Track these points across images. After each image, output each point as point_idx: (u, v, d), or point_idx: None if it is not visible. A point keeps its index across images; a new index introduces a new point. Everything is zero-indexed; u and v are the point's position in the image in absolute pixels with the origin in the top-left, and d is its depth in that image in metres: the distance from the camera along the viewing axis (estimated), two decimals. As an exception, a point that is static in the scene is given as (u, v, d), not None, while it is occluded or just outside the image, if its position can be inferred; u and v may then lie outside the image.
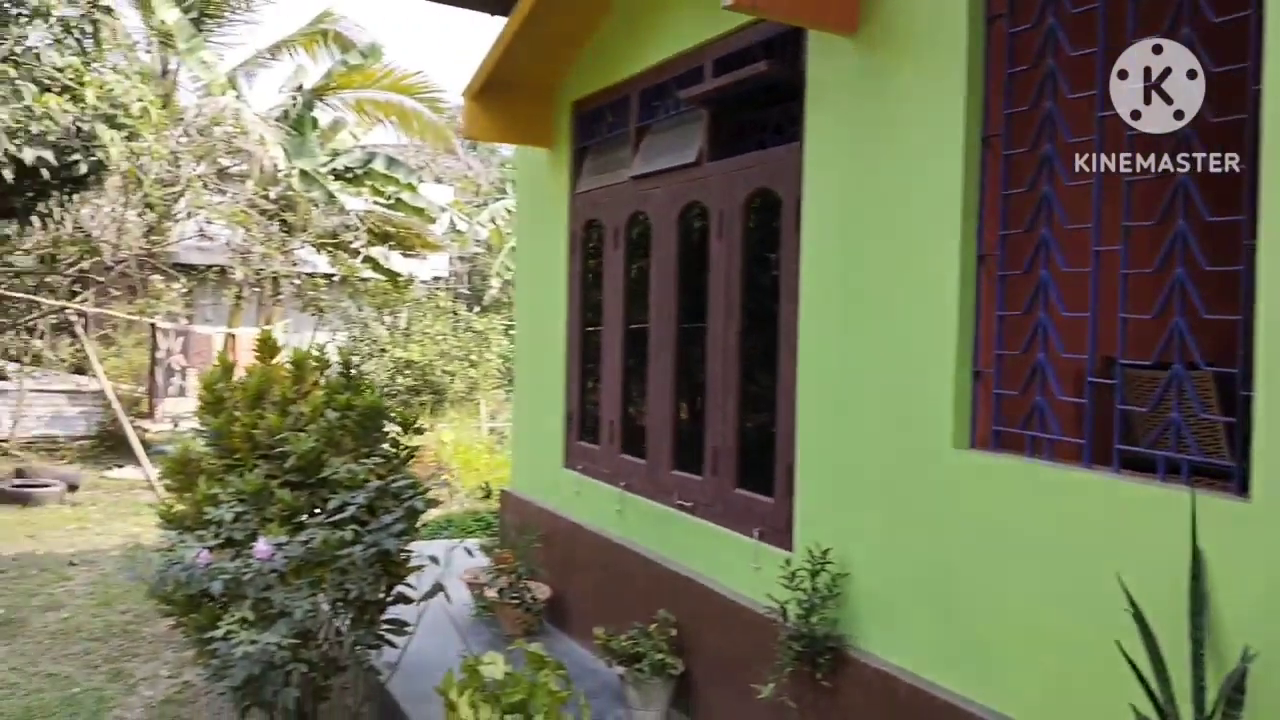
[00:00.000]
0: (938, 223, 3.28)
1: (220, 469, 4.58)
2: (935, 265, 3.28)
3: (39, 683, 5.47)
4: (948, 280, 3.23)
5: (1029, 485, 3.02)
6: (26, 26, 8.30)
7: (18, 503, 10.00)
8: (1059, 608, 2.88)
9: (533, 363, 6.52)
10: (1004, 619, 3.05)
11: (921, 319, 3.34)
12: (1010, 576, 3.04)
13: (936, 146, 3.29)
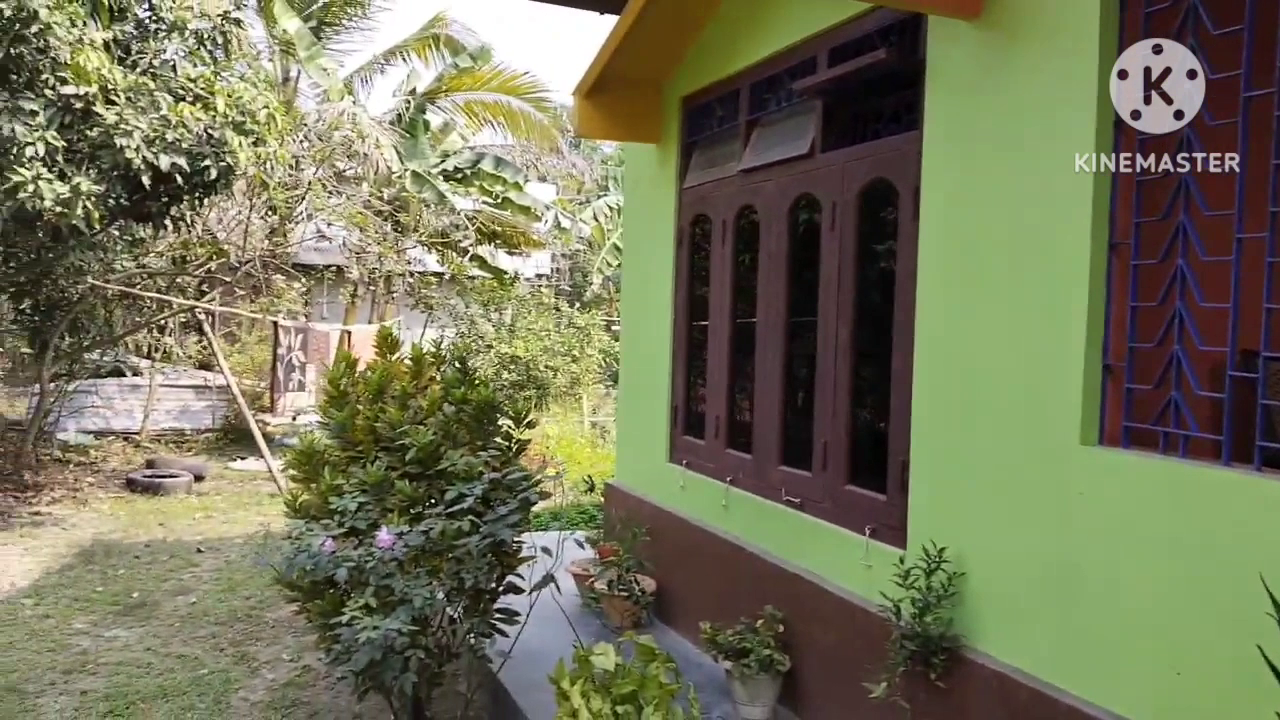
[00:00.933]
0: (1066, 210, 3.16)
1: (344, 460, 4.75)
2: (1064, 255, 3.16)
3: (170, 663, 5.77)
4: (1077, 270, 3.10)
5: (1163, 484, 2.88)
6: (164, 40, 8.77)
7: (149, 492, 10.57)
8: (1193, 610, 2.75)
9: (637, 357, 6.55)
10: (1132, 621, 2.92)
11: (1048, 311, 3.23)
12: (1140, 577, 2.91)
13: (1065, 131, 3.17)
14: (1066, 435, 3.14)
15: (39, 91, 7.65)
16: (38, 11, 7.30)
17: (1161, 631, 2.83)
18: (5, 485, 10.06)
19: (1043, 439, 3.24)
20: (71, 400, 12.32)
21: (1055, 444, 3.19)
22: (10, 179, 7.32)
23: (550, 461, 9.85)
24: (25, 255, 9.29)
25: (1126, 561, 2.95)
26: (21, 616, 6.48)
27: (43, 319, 10.82)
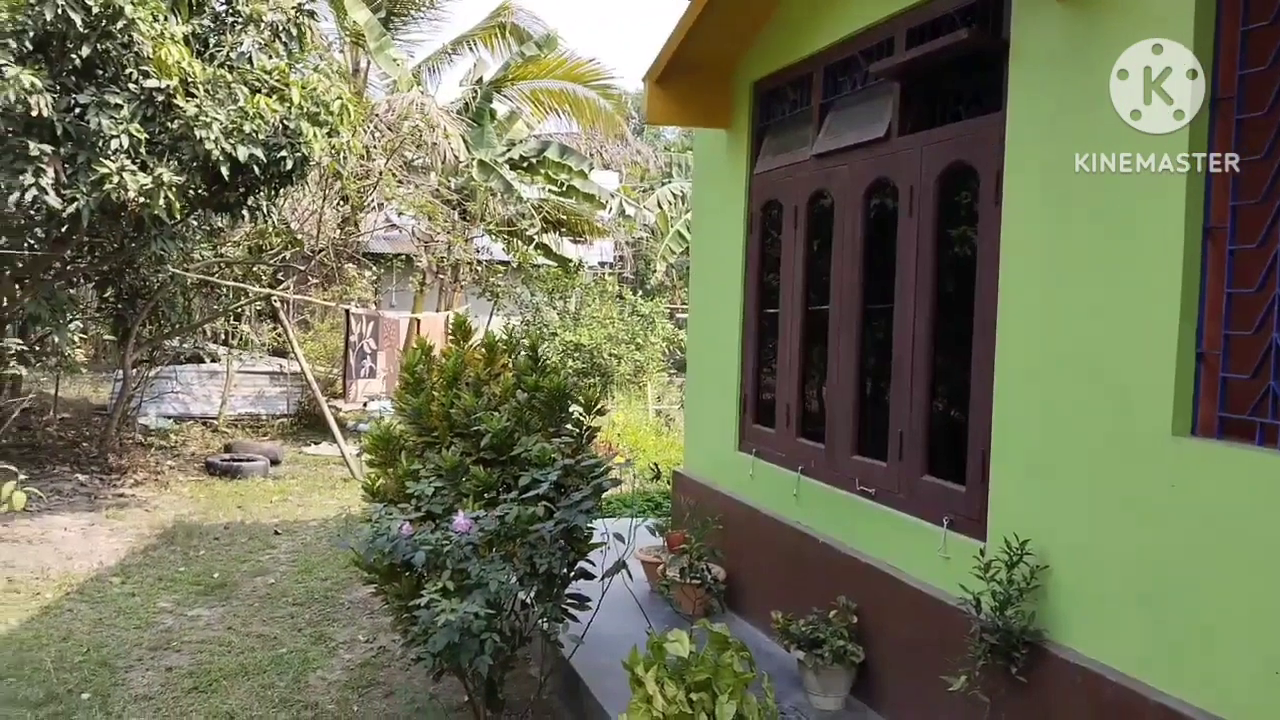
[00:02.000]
0: (1158, 193, 3.05)
1: (420, 446, 4.82)
2: (1155, 239, 3.05)
3: (251, 642, 5.93)
4: (1169, 255, 2.99)
5: (1259, 476, 2.77)
6: (240, 33, 8.97)
7: (227, 476, 10.87)
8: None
9: (706, 345, 6.53)
10: (1228, 618, 2.82)
11: (1140, 297, 3.12)
12: (1235, 572, 2.80)
13: (1158, 111, 3.05)
14: (1158, 425, 3.04)
15: (123, 86, 7.88)
16: (123, 7, 7.51)
17: (1260, 629, 2.73)
18: (92, 468, 10.44)
19: (1133, 429, 3.14)
20: (153, 386, 12.72)
21: (1146, 434, 3.09)
22: (97, 171, 7.57)
23: (616, 449, 9.89)
24: (110, 245, 9.61)
25: (1221, 555, 2.85)
26: (110, 594, 6.72)
27: (126, 307, 11.18)
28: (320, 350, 15.71)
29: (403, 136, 13.44)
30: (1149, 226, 3.09)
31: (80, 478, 10.01)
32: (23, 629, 6.00)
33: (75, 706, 4.92)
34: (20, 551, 7.52)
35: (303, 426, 14.02)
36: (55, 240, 8.79)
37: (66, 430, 12.11)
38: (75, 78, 7.88)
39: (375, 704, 5.05)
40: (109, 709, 4.91)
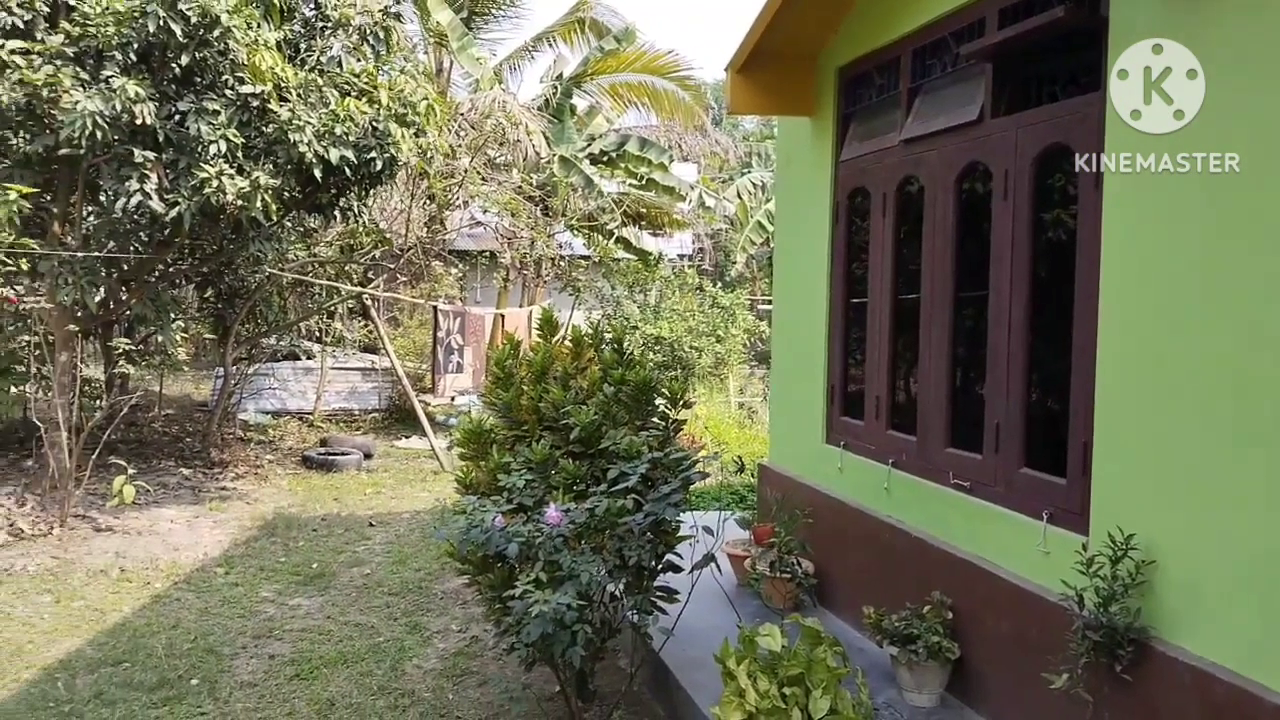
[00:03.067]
0: (1276, 170, 2.90)
1: (510, 439, 4.89)
2: (1274, 220, 2.91)
3: (349, 631, 6.10)
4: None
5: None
6: (329, 38, 9.21)
7: (323, 469, 11.18)
8: None
9: (792, 336, 6.46)
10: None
11: (1257, 281, 2.97)
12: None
13: (1273, 85, 2.90)
14: (1276, 415, 2.90)
15: (220, 92, 8.16)
16: (219, 16, 7.78)
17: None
18: (195, 462, 10.86)
19: (1250, 421, 3.00)
20: (251, 383, 13.18)
21: (1264, 426, 2.95)
22: (197, 176, 7.85)
23: (699, 442, 9.87)
24: (209, 247, 9.96)
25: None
26: (215, 584, 6.99)
27: (225, 306, 11.61)
28: (409, 346, 16.06)
29: (486, 135, 13.63)
30: (1266, 206, 2.94)
31: (185, 471, 10.42)
32: (135, 616, 6.28)
33: (185, 692, 5.13)
34: (131, 543, 7.87)
35: (393, 421, 14.35)
36: (159, 244, 9.16)
37: (171, 426, 12.63)
38: (175, 86, 8.19)
39: (470, 693, 5.15)
40: (216, 694, 5.11)
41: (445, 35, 15.70)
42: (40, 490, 8.52)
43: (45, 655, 5.60)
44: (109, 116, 7.48)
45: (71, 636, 5.90)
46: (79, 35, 7.69)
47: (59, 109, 7.48)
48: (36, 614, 6.26)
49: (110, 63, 7.73)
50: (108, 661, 5.50)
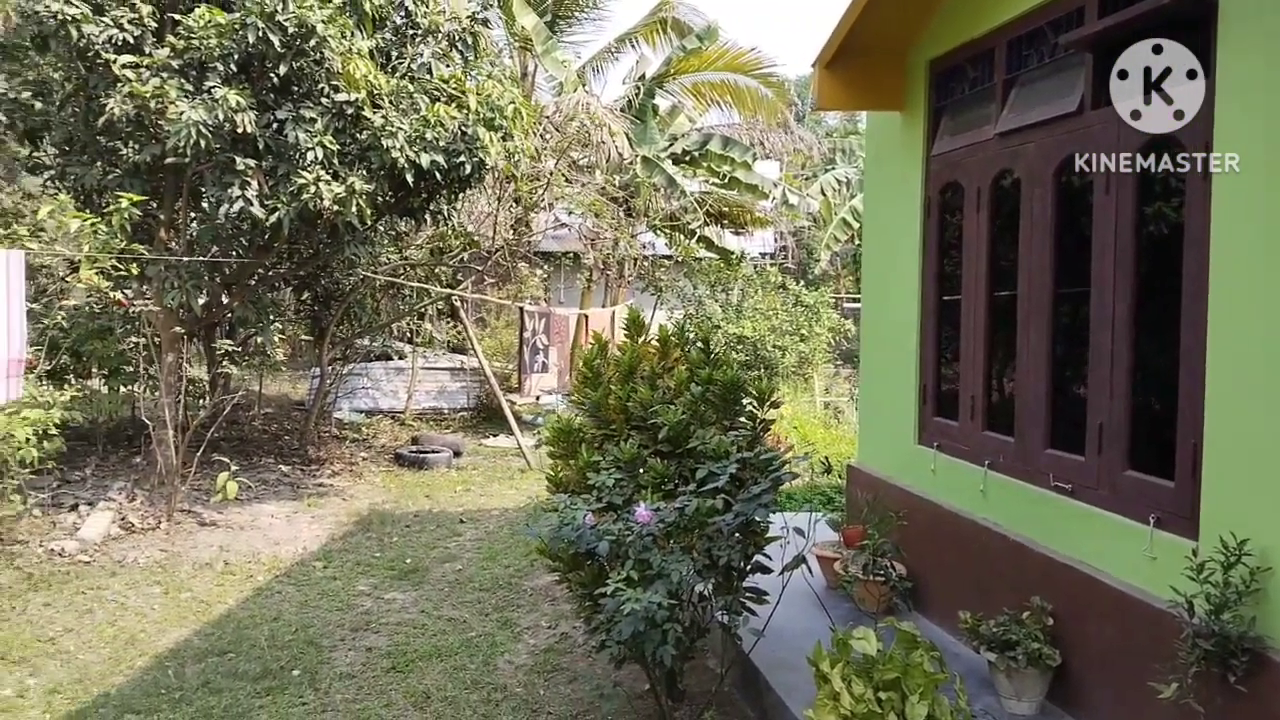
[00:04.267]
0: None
1: (598, 438, 4.93)
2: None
3: (442, 625, 6.22)
4: None
5: None
6: (419, 45, 9.41)
7: (415, 466, 11.43)
8: None
9: (882, 334, 6.35)
10: None
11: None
12: None
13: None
14: None
15: (316, 100, 8.41)
16: (315, 27, 8.02)
17: None
18: (293, 459, 11.22)
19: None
20: (346, 382, 13.56)
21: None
22: (295, 182, 8.11)
23: (784, 442, 9.79)
24: (306, 251, 10.29)
25: None
26: (314, 578, 7.21)
27: (321, 308, 11.97)
28: (496, 346, 16.32)
29: (570, 138, 13.75)
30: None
31: (283, 468, 10.78)
32: (239, 609, 6.52)
33: (287, 683, 5.31)
34: (234, 537, 8.18)
35: (481, 419, 14.59)
36: (258, 248, 9.50)
37: (270, 424, 13.07)
38: (274, 95, 8.47)
39: (560, 689, 5.20)
40: (317, 685, 5.27)
41: (530, 39, 15.90)
42: (149, 486, 8.92)
43: (156, 644, 5.86)
44: (212, 126, 7.77)
45: (180, 626, 6.16)
46: (184, 48, 8.01)
47: (165, 119, 7.81)
48: (147, 604, 6.55)
49: (213, 74, 8.04)
50: (214, 651, 5.72)
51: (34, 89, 8.51)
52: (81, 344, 9.23)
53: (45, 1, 7.85)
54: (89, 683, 5.30)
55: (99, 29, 8.03)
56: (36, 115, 8.59)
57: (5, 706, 5.00)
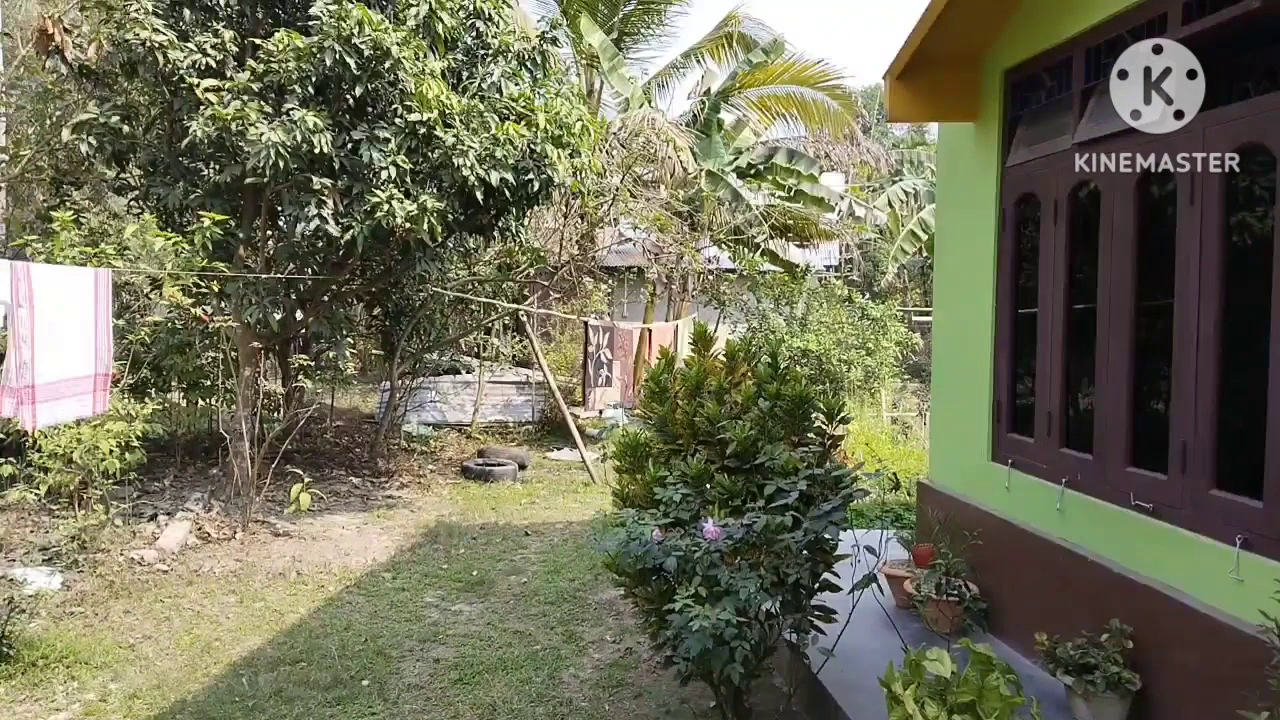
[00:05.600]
0: None
1: (665, 453, 4.92)
2: None
3: (508, 638, 6.26)
4: None
5: None
6: (489, 65, 9.56)
7: (481, 479, 11.54)
8: None
9: (954, 349, 6.24)
10: None
11: None
12: None
13: None
14: None
15: (389, 121, 8.59)
16: (390, 48, 8.21)
17: None
18: (363, 471, 11.42)
19: None
20: (414, 396, 13.77)
21: None
22: (369, 200, 8.29)
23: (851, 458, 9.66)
24: (378, 268, 10.49)
25: None
26: (383, 589, 7.32)
27: (391, 324, 12.19)
28: (561, 361, 16.42)
29: (635, 154, 13.82)
30: None
31: (354, 480, 10.98)
32: (311, 618, 6.64)
33: (357, 692, 5.38)
34: (306, 547, 8.34)
35: (545, 433, 14.69)
36: (332, 265, 9.72)
37: (341, 437, 13.34)
38: (349, 116, 8.67)
39: (626, 704, 5.18)
40: (386, 695, 5.34)
41: (596, 56, 16.06)
42: (225, 497, 9.16)
43: (231, 652, 6.00)
44: (290, 146, 7.99)
45: (254, 635, 6.29)
46: (263, 72, 8.26)
47: (246, 141, 8.05)
48: (222, 613, 6.72)
49: (291, 96, 8.28)
50: (286, 660, 5.83)
51: (122, 113, 8.85)
52: (162, 358, 9.54)
53: (135, 29, 8.18)
54: (167, 689, 5.44)
55: (184, 54, 8.35)
56: (124, 138, 8.93)
57: (89, 710, 5.16)
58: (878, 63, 15.85)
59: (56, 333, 5.74)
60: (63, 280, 5.95)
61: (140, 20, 8.19)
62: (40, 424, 5.77)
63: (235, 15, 8.97)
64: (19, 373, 5.49)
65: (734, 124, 18.55)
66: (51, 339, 5.69)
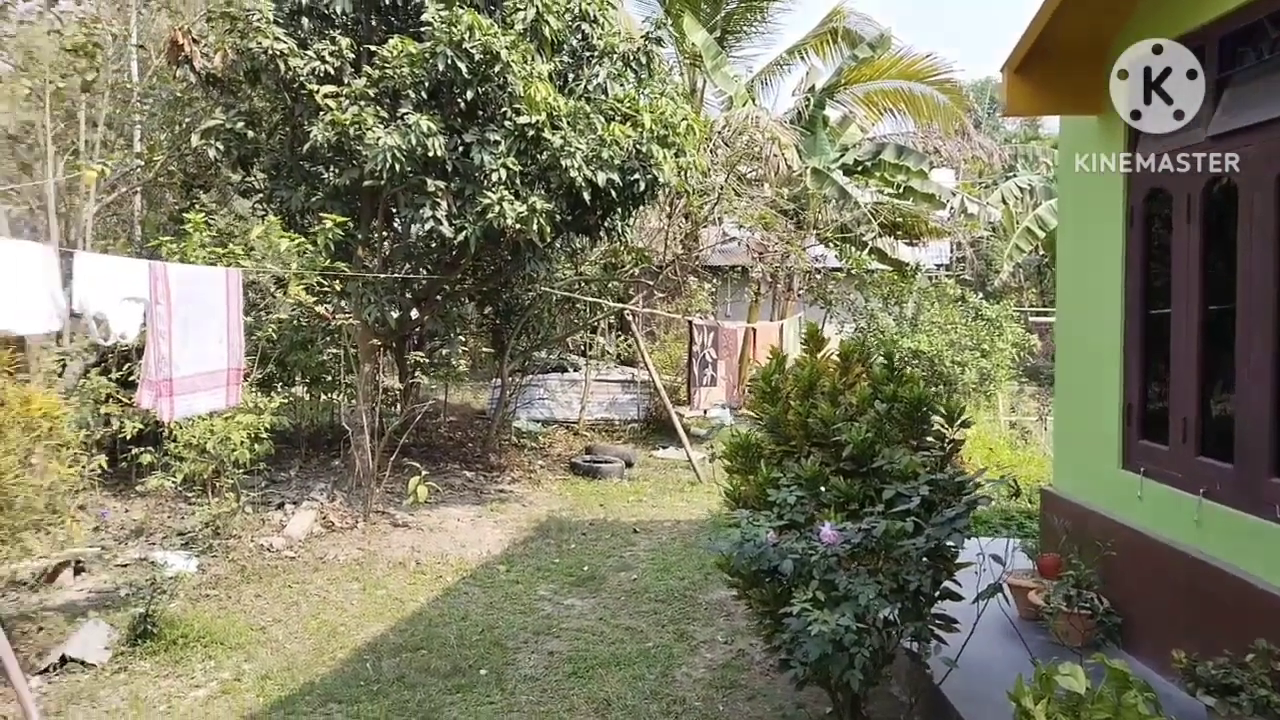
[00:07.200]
0: None
1: (777, 454, 4.89)
2: None
3: (620, 634, 6.32)
4: None
5: None
6: (595, 66, 9.66)
7: (588, 476, 11.68)
8: None
9: (1079, 351, 6.01)
10: None
11: None
12: None
13: None
14: None
15: (499, 123, 8.76)
16: (499, 53, 8.38)
17: None
18: (476, 465, 11.69)
19: None
20: (524, 393, 14.03)
21: None
22: (480, 202, 8.48)
23: (968, 462, 9.41)
24: (488, 268, 10.72)
25: None
26: (498, 580, 7.48)
27: (501, 322, 12.44)
28: (665, 359, 16.47)
29: (740, 153, 13.75)
30: None
31: (467, 474, 11.24)
32: (430, 607, 6.84)
33: (475, 681, 5.52)
34: (424, 538, 8.59)
35: (650, 431, 14.76)
36: (445, 265, 9.98)
37: (454, 432, 13.67)
38: (460, 119, 8.88)
39: (739, 706, 5.18)
40: (503, 686, 5.46)
41: (699, 55, 16.04)
42: (347, 487, 9.50)
43: (355, 638, 6.22)
44: (405, 150, 8.24)
45: (376, 622, 6.52)
46: (379, 77, 8.54)
47: (363, 145, 8.33)
48: (347, 599, 6.97)
49: (405, 101, 8.53)
50: (408, 647, 6.02)
51: (246, 119, 9.28)
52: (287, 355, 9.95)
53: (257, 38, 8.56)
54: (296, 671, 5.69)
55: (304, 62, 8.69)
56: (249, 143, 9.36)
57: (225, 689, 5.43)
58: (988, 53, 15.18)
59: (191, 329, 6.04)
60: (196, 279, 6.25)
61: (262, 29, 8.57)
62: (177, 415, 6.08)
63: (351, 23, 9.28)
64: (158, 366, 5.79)
65: (839, 120, 18.27)
66: (187, 335, 5.99)
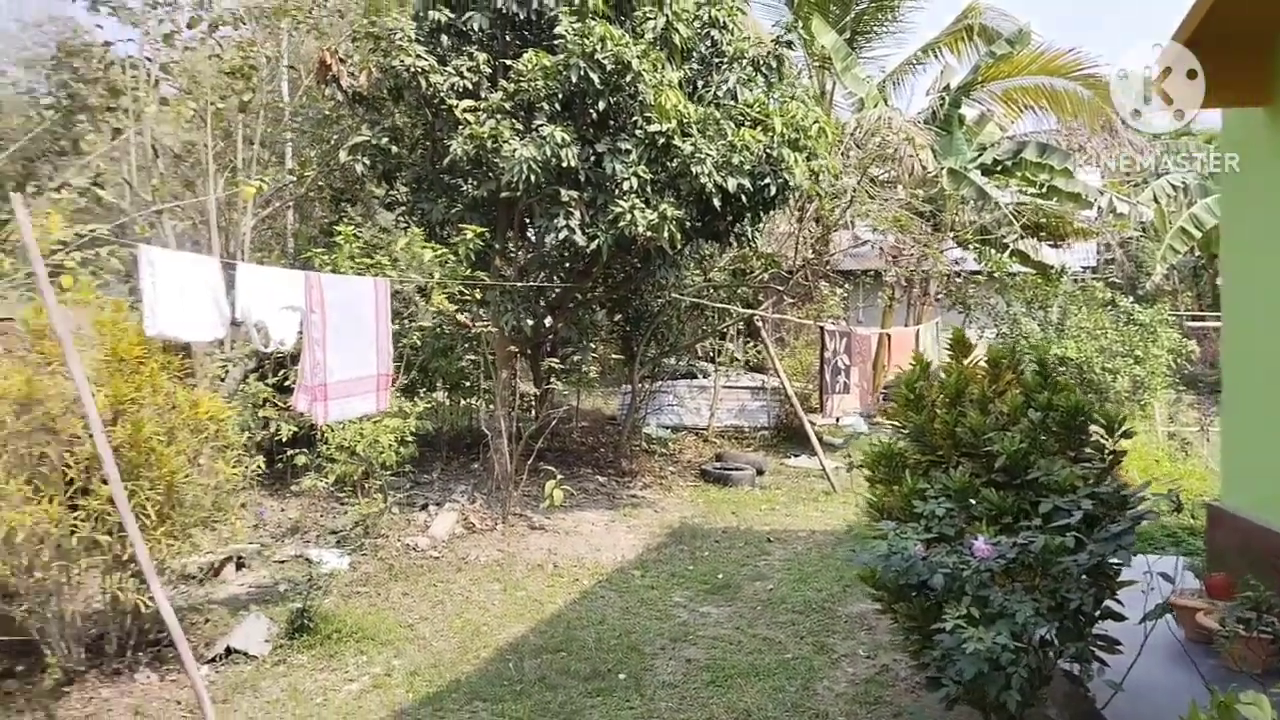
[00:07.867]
0: None
1: (923, 465, 4.75)
2: None
3: (757, 644, 6.25)
4: None
5: None
6: (725, 72, 9.64)
7: (719, 483, 11.62)
8: None
9: (1250, 358, 5.61)
10: None
11: None
12: None
13: None
14: None
15: (630, 133, 8.85)
16: (630, 63, 8.46)
17: None
18: (608, 470, 11.81)
19: None
20: (654, 399, 14.10)
21: None
22: (612, 211, 8.58)
23: (1126, 475, 8.93)
24: (618, 275, 10.83)
25: None
26: (633, 585, 7.53)
27: (631, 329, 12.55)
28: (796, 366, 16.27)
29: (873, 155, 13.48)
30: None
31: (600, 479, 11.37)
32: (568, 609, 6.94)
33: (614, 685, 5.56)
34: (560, 541, 8.73)
35: (781, 439, 14.59)
36: (578, 273, 10.13)
37: (587, 437, 13.85)
38: (592, 129, 9.02)
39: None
40: (642, 691, 5.48)
41: (829, 58, 15.82)
42: (486, 490, 9.75)
43: (498, 638, 6.37)
44: (540, 161, 8.42)
45: (517, 622, 6.65)
46: (514, 91, 8.76)
47: (500, 157, 8.56)
48: (489, 600, 7.15)
49: (539, 113, 8.73)
50: (548, 649, 6.13)
51: (390, 135, 9.66)
52: (428, 361, 10.30)
53: (400, 57, 8.91)
54: (442, 668, 5.86)
55: (443, 78, 8.99)
56: (392, 158, 9.75)
57: (377, 683, 5.65)
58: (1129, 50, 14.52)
59: (344, 336, 6.31)
60: (348, 288, 6.53)
61: (404, 48, 8.91)
62: (330, 419, 6.37)
63: (487, 39, 9.54)
64: (313, 372, 6.07)
65: (976, 119, 17.69)
66: (340, 341, 6.25)
